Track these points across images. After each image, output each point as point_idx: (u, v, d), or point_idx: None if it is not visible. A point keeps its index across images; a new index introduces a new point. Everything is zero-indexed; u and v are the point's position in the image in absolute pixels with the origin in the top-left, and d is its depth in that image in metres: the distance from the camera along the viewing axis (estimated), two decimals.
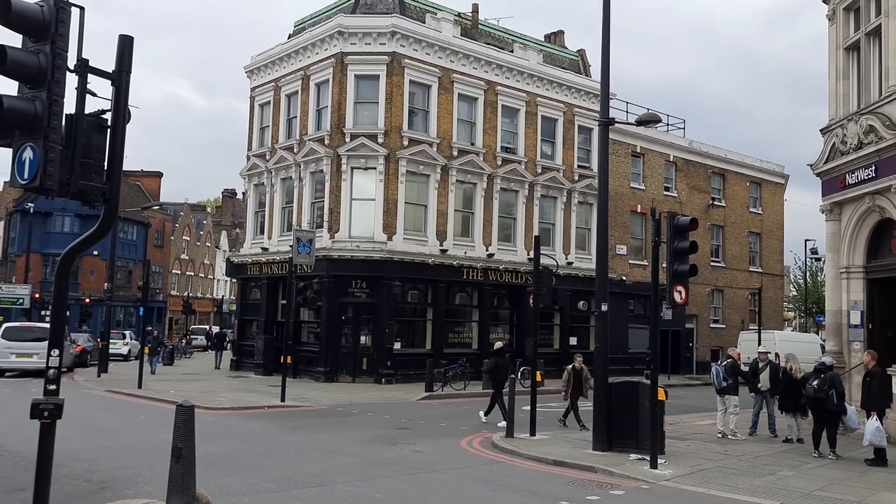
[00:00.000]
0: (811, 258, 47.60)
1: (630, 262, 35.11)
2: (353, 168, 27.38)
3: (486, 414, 16.99)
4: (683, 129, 40.00)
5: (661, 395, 11.99)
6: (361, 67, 27.67)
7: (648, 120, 14.99)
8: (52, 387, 5.80)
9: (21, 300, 42.74)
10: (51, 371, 5.83)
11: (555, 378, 29.09)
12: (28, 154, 5.52)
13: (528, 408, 14.62)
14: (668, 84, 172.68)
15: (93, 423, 15.05)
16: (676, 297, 12.03)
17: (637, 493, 9.93)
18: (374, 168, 27.27)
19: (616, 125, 17.09)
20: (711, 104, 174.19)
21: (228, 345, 39.76)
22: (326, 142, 27.72)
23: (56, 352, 5.86)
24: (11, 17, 5.43)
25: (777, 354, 19.42)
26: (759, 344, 24.26)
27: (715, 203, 39.53)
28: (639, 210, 35.49)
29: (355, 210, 27.28)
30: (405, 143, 27.59)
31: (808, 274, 51.48)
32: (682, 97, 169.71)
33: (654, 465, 11.25)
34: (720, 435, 15.04)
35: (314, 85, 28.83)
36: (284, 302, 27.42)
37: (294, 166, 29.08)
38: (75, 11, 5.69)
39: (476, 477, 10.78)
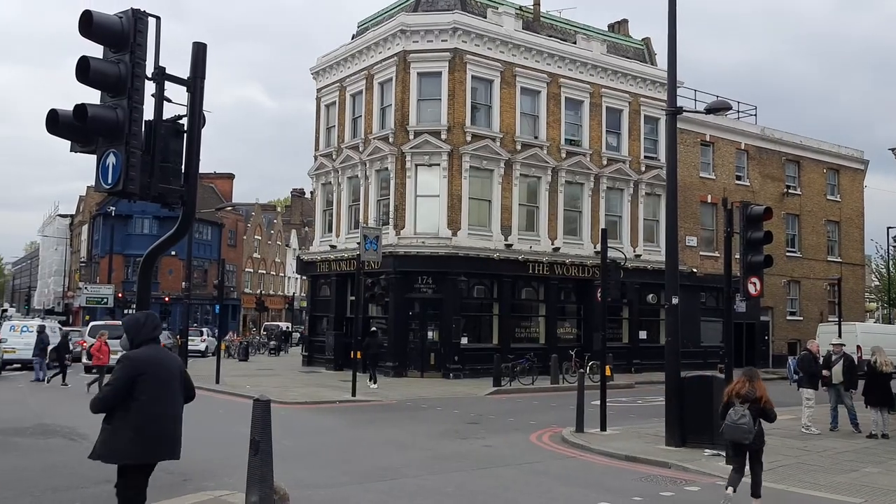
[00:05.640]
0: (894, 246, 45.51)
1: (701, 253, 34.26)
2: (417, 165, 27.58)
3: (375, 382, 22.43)
4: (755, 115, 38.88)
5: None
6: (424, 65, 27.83)
7: (718, 107, 14.60)
8: None
9: (105, 299, 44.84)
10: None
11: (624, 373, 28.79)
12: (111, 160, 5.79)
13: (598, 402, 14.46)
14: (739, 69, 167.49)
15: None
16: (751, 288, 11.73)
17: (712, 489, 9.71)
18: (438, 164, 27.41)
19: (684, 114, 16.71)
20: (785, 89, 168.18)
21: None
22: (391, 140, 28.00)
23: None
24: (93, 29, 5.70)
25: (858, 347, 18.68)
26: (839, 336, 23.34)
27: (790, 191, 38.19)
28: (709, 200, 34.58)
29: (420, 206, 27.49)
30: (468, 138, 27.62)
31: (890, 263, 49.22)
32: (755, 82, 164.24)
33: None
34: (804, 430, 14.59)
35: (378, 84, 29.15)
36: (353, 298, 27.85)
37: (360, 165, 29.49)
38: (152, 21, 5.93)
39: (546, 472, 10.74)
